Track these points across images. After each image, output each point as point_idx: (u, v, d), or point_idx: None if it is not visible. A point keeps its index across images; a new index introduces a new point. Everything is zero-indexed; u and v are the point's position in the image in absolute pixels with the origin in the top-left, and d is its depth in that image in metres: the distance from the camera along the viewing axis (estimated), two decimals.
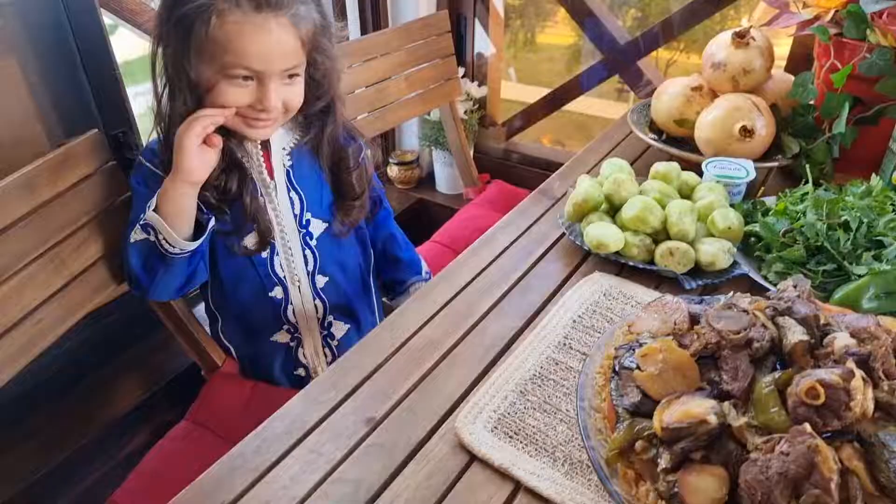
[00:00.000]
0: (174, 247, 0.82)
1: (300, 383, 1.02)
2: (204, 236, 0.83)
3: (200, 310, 1.08)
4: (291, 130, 0.91)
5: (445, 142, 1.64)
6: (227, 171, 0.84)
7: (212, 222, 0.83)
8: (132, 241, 0.83)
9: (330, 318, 1.00)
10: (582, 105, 2.26)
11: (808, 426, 0.46)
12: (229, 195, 0.85)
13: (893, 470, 0.45)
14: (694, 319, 0.60)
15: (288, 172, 0.91)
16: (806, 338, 0.52)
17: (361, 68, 1.32)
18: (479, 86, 1.70)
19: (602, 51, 1.53)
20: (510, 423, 0.62)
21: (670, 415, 0.51)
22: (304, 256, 0.95)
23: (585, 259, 0.87)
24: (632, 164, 1.00)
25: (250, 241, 0.89)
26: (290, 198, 0.91)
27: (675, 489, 0.48)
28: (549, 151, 1.85)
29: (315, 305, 0.98)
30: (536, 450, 0.59)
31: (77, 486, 1.08)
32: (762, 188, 1.00)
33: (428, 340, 0.74)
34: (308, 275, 0.96)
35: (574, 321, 0.75)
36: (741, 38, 0.96)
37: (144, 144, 0.91)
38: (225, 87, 0.78)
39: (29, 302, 0.80)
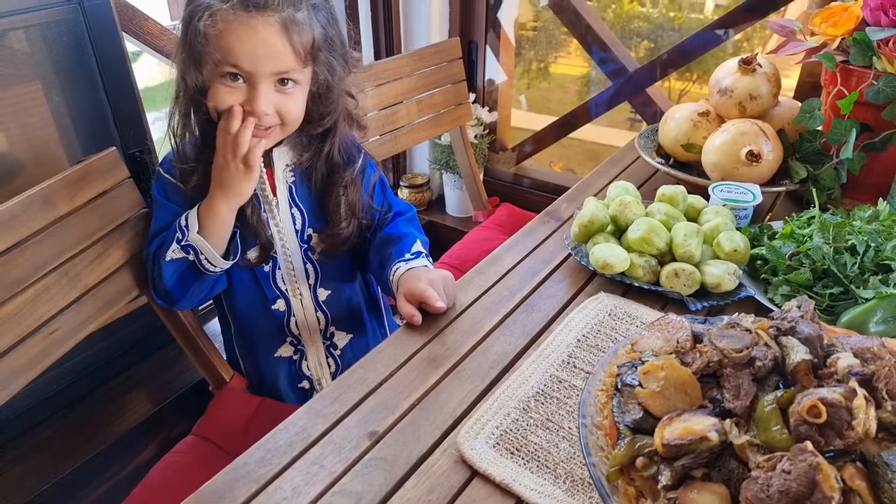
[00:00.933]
0: (215, 266, 0.85)
1: (305, 396, 1.03)
2: (238, 254, 0.86)
3: (210, 326, 1.09)
4: (295, 149, 0.92)
5: (456, 165, 1.66)
6: None
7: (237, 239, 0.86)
8: (168, 259, 0.85)
9: (332, 328, 1.01)
10: (594, 134, 2.28)
11: (809, 444, 0.46)
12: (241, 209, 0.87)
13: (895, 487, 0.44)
14: (697, 338, 0.60)
15: (290, 189, 0.92)
16: (809, 357, 0.52)
17: (374, 92, 1.35)
18: (490, 111, 1.73)
19: (611, 78, 1.55)
20: (512, 439, 0.62)
21: (671, 431, 0.50)
22: (306, 270, 0.96)
23: (591, 280, 0.87)
24: (639, 188, 1.01)
25: (252, 254, 0.91)
26: (292, 213, 0.93)
27: None
28: (559, 176, 1.87)
29: (317, 318, 0.99)
30: (538, 466, 0.59)
31: (84, 498, 1.08)
32: (770, 213, 1.00)
33: (432, 356, 0.75)
34: (310, 288, 0.97)
35: (578, 340, 0.75)
36: (748, 64, 0.98)
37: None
38: (217, 87, 0.80)
39: (43, 313, 0.81)
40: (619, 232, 0.88)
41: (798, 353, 0.53)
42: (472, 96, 1.72)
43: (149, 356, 1.29)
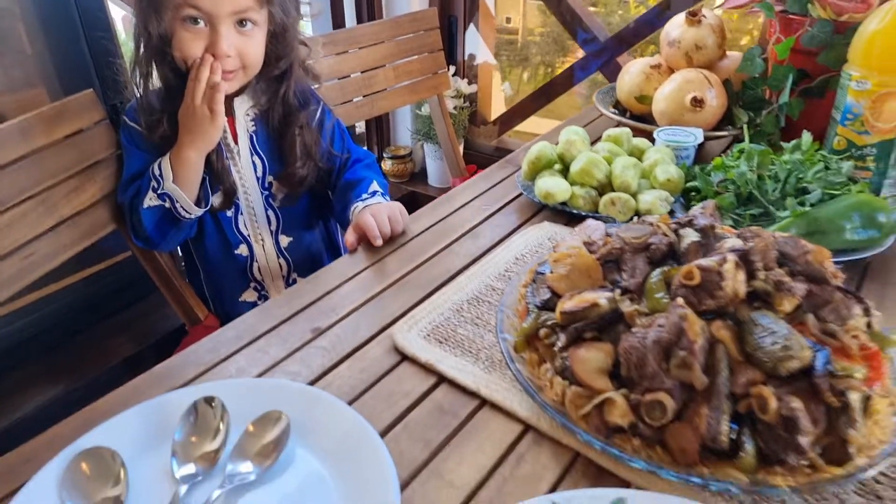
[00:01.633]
0: (189, 213, 0.90)
1: None
2: (211, 200, 0.92)
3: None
4: (255, 97, 0.96)
5: (436, 136, 1.71)
6: None
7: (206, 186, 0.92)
8: (146, 206, 0.91)
9: (294, 275, 1.06)
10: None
11: (680, 300, 0.51)
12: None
13: (757, 339, 0.49)
14: (611, 234, 0.65)
15: (251, 137, 0.97)
16: (698, 238, 0.57)
17: (352, 56, 1.41)
18: (469, 84, 1.78)
19: (584, 48, 1.61)
20: (442, 332, 0.67)
21: (571, 303, 0.56)
22: (268, 217, 1.01)
23: (538, 213, 0.92)
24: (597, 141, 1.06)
25: (216, 199, 0.96)
26: (253, 161, 0.98)
27: (568, 363, 0.53)
28: None
29: (279, 264, 1.05)
30: (462, 352, 0.64)
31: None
32: (719, 157, 1.05)
33: (379, 272, 0.80)
34: (271, 234, 1.03)
35: (517, 258, 0.81)
36: (693, 16, 1.03)
37: None
38: (180, 34, 0.84)
39: (19, 237, 0.87)
40: (565, 170, 0.93)
41: (689, 237, 0.58)
42: (452, 69, 1.78)
43: (130, 306, 1.35)
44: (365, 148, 1.11)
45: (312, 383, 0.62)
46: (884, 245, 0.75)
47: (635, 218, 0.84)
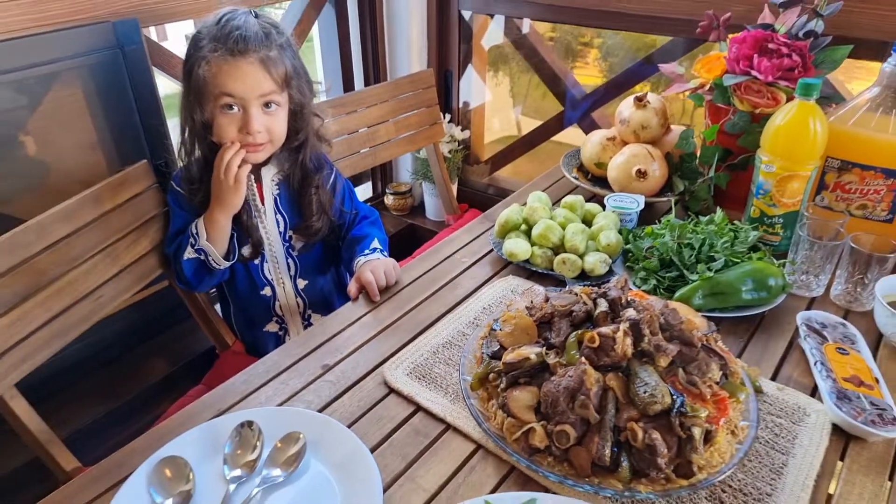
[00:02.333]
0: (219, 265, 1.12)
1: None
2: (236, 254, 1.14)
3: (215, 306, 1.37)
4: (278, 165, 1.17)
5: (433, 177, 1.92)
6: None
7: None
8: (185, 258, 1.13)
9: (309, 311, 1.28)
10: (575, 138, 2.49)
11: (584, 359, 0.71)
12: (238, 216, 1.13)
13: (637, 388, 0.69)
14: (548, 299, 0.85)
15: (276, 199, 1.18)
16: (606, 308, 0.78)
17: (359, 114, 1.62)
18: (463, 130, 1.99)
19: (562, 103, 1.81)
20: (421, 370, 0.88)
21: (510, 356, 0.77)
22: (288, 264, 1.23)
23: (506, 267, 1.13)
24: (564, 196, 1.26)
25: (246, 251, 1.17)
26: (277, 219, 1.19)
27: (506, 400, 0.74)
28: (522, 186, 2.13)
29: (297, 302, 1.26)
30: (435, 387, 0.85)
31: (115, 435, 1.35)
32: (664, 218, 1.25)
33: (375, 318, 1.01)
34: (291, 278, 1.24)
35: (484, 308, 1.01)
36: (640, 101, 1.23)
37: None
38: (219, 120, 1.05)
39: (91, 283, 1.08)
40: (530, 230, 1.14)
41: (601, 307, 0.79)
42: (447, 116, 1.99)
43: (167, 330, 1.56)
44: (369, 205, 1.32)
45: (321, 410, 0.83)
46: (773, 304, 0.95)
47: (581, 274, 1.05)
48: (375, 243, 1.18)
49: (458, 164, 2.00)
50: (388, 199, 2.13)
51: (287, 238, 1.21)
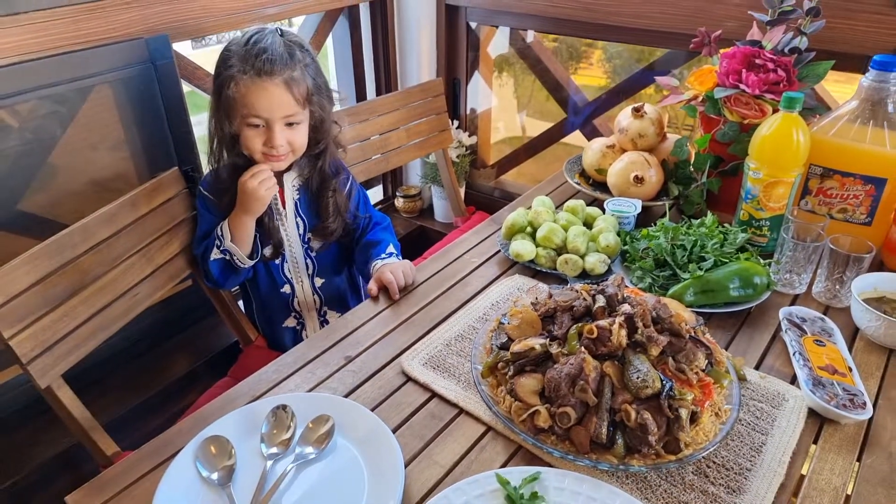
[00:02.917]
0: (244, 264, 1.21)
1: None
2: (259, 254, 1.23)
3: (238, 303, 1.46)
4: (299, 171, 1.26)
5: (441, 180, 2.01)
6: None
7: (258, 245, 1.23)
8: (212, 258, 1.22)
9: (325, 308, 1.36)
10: (579, 140, 2.58)
11: (584, 349, 0.80)
12: (261, 219, 1.22)
13: (630, 374, 0.78)
14: (551, 297, 0.94)
15: (296, 203, 1.27)
16: (603, 304, 0.86)
17: (371, 122, 1.71)
18: (470, 135, 2.08)
19: (565, 110, 1.90)
20: (436, 361, 0.97)
21: (517, 346, 0.85)
22: (306, 264, 1.31)
23: (511, 266, 1.22)
24: (566, 200, 1.35)
25: (268, 251, 1.26)
26: (297, 221, 1.28)
27: (513, 386, 0.82)
28: (528, 189, 2.21)
29: (314, 299, 1.35)
30: (449, 375, 0.94)
31: (146, 425, 1.45)
32: (659, 221, 1.33)
33: (393, 313, 1.10)
34: (309, 277, 1.33)
35: (492, 304, 1.10)
36: (637, 111, 1.32)
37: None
38: (246, 133, 1.14)
39: (130, 281, 1.17)
40: (534, 232, 1.23)
41: (599, 303, 0.87)
42: (455, 123, 2.08)
43: (193, 325, 1.65)
44: (381, 212, 1.40)
45: (347, 396, 0.91)
46: (758, 300, 1.04)
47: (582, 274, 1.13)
48: (391, 248, 1.27)
49: (466, 168, 2.08)
50: (399, 202, 2.22)
51: (306, 239, 1.30)
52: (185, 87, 1.50)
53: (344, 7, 1.85)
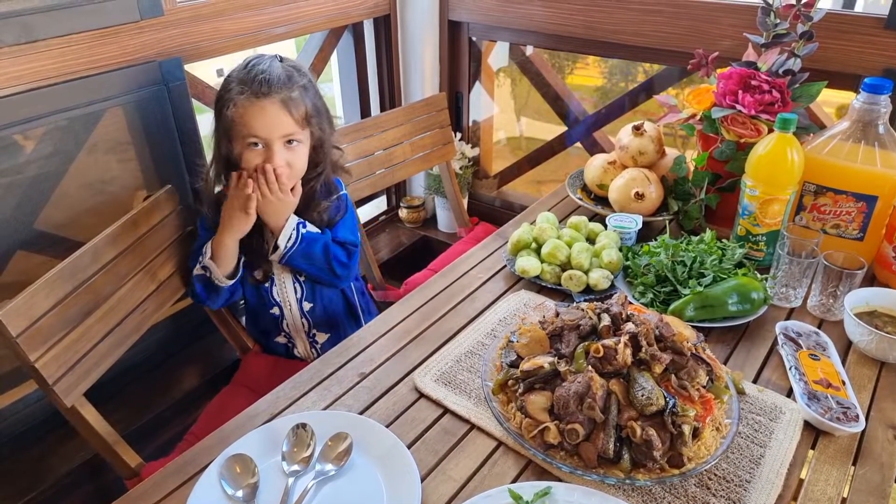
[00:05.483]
0: (222, 283, 1.23)
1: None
2: (237, 278, 1.24)
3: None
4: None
5: (444, 191, 2.05)
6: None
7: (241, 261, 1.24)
8: (195, 273, 1.24)
9: (314, 330, 1.38)
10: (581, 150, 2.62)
11: (590, 367, 0.84)
12: (245, 244, 1.24)
13: (635, 392, 0.82)
14: (558, 314, 0.98)
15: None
16: (608, 323, 0.90)
17: (376, 138, 1.75)
18: (473, 147, 2.12)
19: (566, 123, 1.94)
20: (447, 377, 1.01)
21: (527, 364, 0.89)
22: (294, 288, 1.33)
23: (518, 282, 1.25)
24: (569, 215, 1.38)
25: (258, 274, 1.29)
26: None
27: (524, 403, 0.86)
28: (529, 199, 2.25)
29: (302, 323, 1.37)
30: (460, 392, 0.97)
31: (159, 437, 1.48)
32: (659, 237, 1.38)
33: (404, 330, 1.13)
34: (297, 301, 1.35)
35: (500, 320, 1.14)
36: (637, 129, 1.36)
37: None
38: (246, 156, 1.15)
39: (138, 297, 1.20)
40: (539, 248, 1.26)
41: (604, 321, 0.91)
42: (458, 135, 2.12)
43: (201, 339, 1.69)
44: (354, 237, 1.34)
45: (361, 412, 0.95)
46: (756, 314, 1.08)
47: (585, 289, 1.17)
48: (311, 227, 1.25)
49: (469, 179, 2.12)
50: (402, 213, 2.26)
51: None
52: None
53: (348, 24, 1.88)
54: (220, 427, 0.94)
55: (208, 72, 3.22)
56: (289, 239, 1.23)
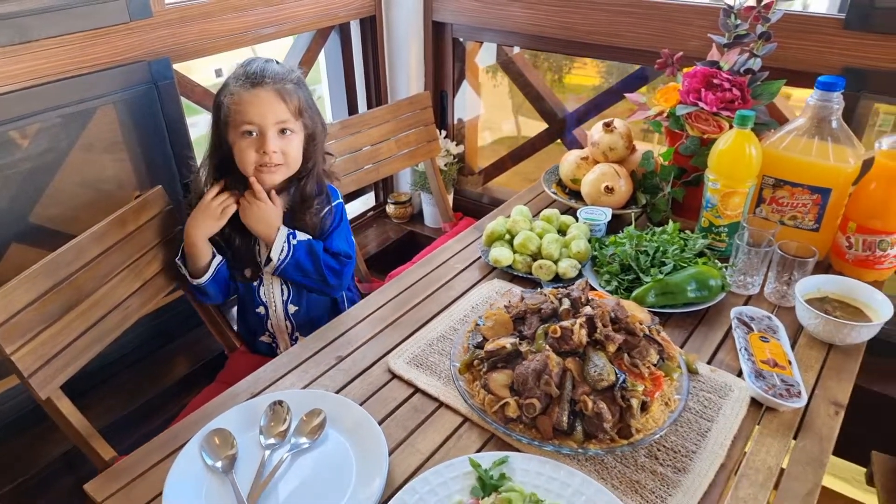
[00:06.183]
0: (191, 281, 1.29)
1: None
2: (207, 274, 1.28)
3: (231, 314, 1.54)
4: (286, 198, 1.30)
5: (430, 187, 2.11)
6: (233, 228, 1.28)
7: (215, 261, 1.29)
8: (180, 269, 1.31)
9: (297, 333, 1.42)
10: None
11: (548, 347, 0.89)
12: (233, 243, 1.30)
13: (589, 369, 0.87)
14: (523, 299, 1.03)
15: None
16: (568, 307, 0.96)
17: (363, 134, 1.80)
18: (457, 145, 2.18)
19: (546, 120, 1.99)
20: (419, 360, 1.06)
21: (491, 345, 0.95)
22: (282, 290, 1.38)
23: (492, 271, 1.31)
24: (545, 208, 1.44)
25: (247, 272, 1.34)
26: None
27: (487, 381, 0.92)
28: (513, 194, 2.31)
29: (286, 324, 1.41)
30: (431, 372, 1.03)
31: (143, 427, 1.53)
32: (626, 229, 1.43)
33: (381, 316, 1.19)
34: (283, 303, 1.39)
35: (473, 307, 1.19)
36: (608, 126, 1.42)
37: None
38: (240, 145, 1.20)
39: (121, 294, 1.22)
40: (512, 240, 1.32)
41: (564, 305, 0.97)
42: (443, 133, 2.17)
43: (188, 332, 1.74)
44: (348, 247, 1.39)
45: (338, 392, 1.01)
46: (714, 301, 1.13)
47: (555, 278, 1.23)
48: (303, 236, 1.30)
49: (454, 175, 2.18)
50: (390, 208, 2.31)
51: None
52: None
53: (335, 25, 1.94)
54: (203, 406, 1.00)
55: (207, 72, 3.28)
56: (281, 251, 1.28)
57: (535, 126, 2.20)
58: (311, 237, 1.32)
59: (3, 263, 1.38)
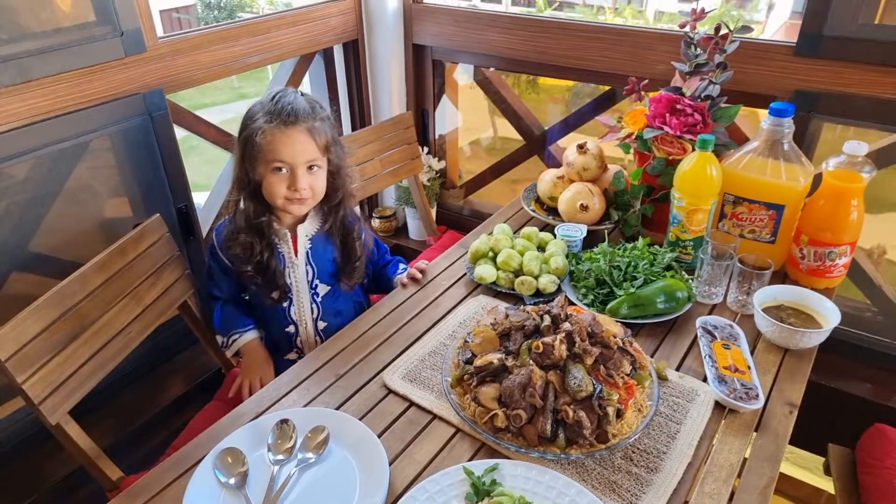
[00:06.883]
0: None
1: None
2: (274, 294, 1.37)
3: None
4: (314, 221, 1.38)
5: (413, 202, 2.19)
6: (263, 251, 1.32)
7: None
8: (215, 315, 1.41)
9: None
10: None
11: (532, 362, 0.98)
12: (262, 265, 1.34)
13: (569, 381, 0.97)
14: (507, 316, 1.12)
15: (307, 253, 1.38)
16: (549, 323, 1.05)
17: (349, 155, 1.87)
18: (439, 160, 2.26)
19: (524, 137, 2.09)
20: (412, 375, 1.14)
21: (480, 361, 1.03)
22: (311, 308, 1.44)
23: (476, 287, 1.40)
24: (524, 226, 1.53)
25: (276, 294, 1.39)
26: (307, 269, 1.39)
27: (476, 394, 1.00)
28: (493, 207, 2.40)
29: (315, 340, 1.47)
30: (424, 387, 1.11)
31: (146, 444, 1.59)
32: (600, 245, 1.53)
33: (375, 333, 1.27)
34: (313, 321, 1.45)
35: (460, 323, 1.28)
36: (581, 148, 1.51)
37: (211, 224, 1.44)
38: (270, 179, 1.26)
39: (123, 320, 1.27)
40: (495, 257, 1.41)
41: (545, 321, 1.06)
42: (425, 149, 2.26)
43: (185, 350, 1.80)
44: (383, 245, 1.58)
45: (338, 408, 1.08)
46: (681, 311, 1.23)
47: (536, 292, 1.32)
48: (402, 265, 1.52)
49: (436, 190, 2.27)
50: (375, 222, 2.39)
51: (314, 286, 1.42)
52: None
53: (319, 49, 2.01)
54: (212, 426, 1.07)
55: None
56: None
57: (512, 128, 2.30)
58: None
59: (4, 291, 1.43)
